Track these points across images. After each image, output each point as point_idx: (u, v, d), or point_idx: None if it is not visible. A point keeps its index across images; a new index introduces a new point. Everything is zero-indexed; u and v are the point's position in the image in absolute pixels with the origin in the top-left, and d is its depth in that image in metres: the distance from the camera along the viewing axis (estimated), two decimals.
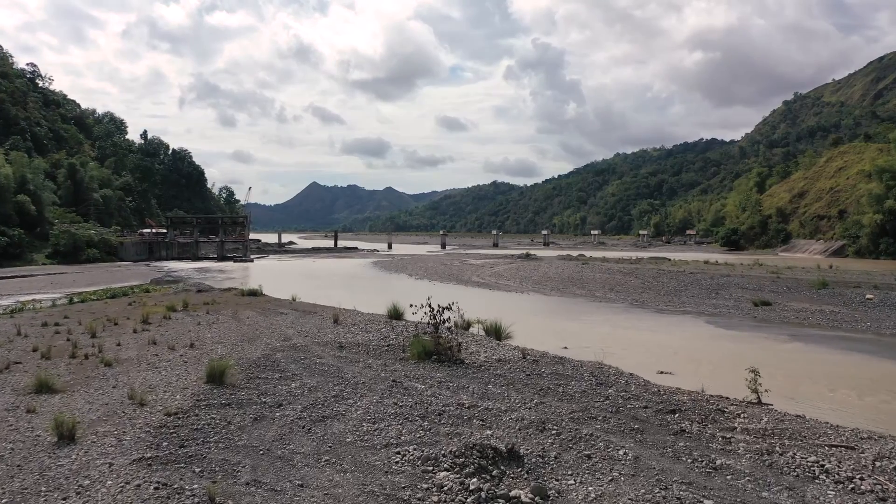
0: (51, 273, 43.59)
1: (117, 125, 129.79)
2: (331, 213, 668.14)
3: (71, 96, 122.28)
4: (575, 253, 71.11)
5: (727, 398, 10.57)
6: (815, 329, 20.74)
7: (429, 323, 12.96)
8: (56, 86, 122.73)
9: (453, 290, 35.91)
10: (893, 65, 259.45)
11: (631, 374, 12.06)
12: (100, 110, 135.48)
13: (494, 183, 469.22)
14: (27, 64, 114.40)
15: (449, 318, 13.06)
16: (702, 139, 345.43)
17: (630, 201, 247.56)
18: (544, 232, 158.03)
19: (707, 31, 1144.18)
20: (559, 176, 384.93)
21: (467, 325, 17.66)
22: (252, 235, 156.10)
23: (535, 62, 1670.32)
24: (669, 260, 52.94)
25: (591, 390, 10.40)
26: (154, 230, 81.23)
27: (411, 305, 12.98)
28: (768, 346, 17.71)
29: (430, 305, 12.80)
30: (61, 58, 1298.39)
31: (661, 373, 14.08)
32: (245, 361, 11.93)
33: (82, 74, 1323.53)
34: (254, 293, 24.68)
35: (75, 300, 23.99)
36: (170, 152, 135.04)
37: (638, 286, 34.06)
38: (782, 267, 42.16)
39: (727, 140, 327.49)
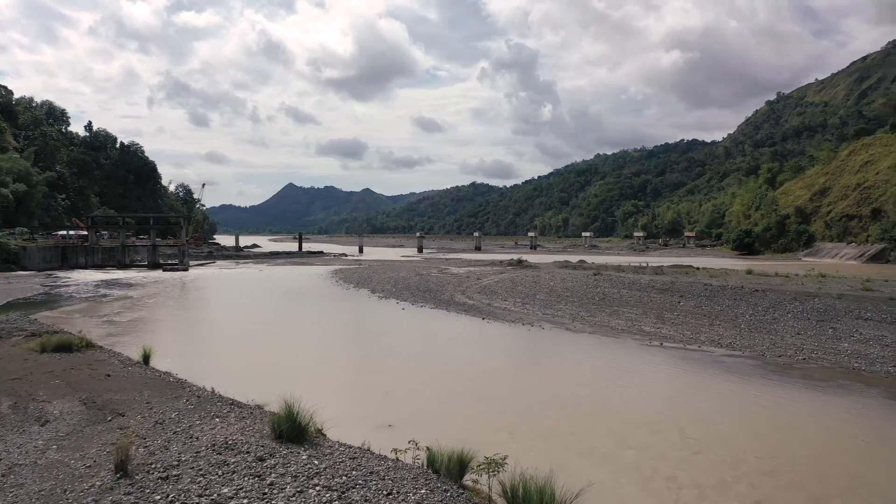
0: None
1: (56, 115, 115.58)
2: (307, 215, 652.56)
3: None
4: (574, 258, 60.74)
5: None
6: None
7: None
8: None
9: (429, 318, 25.31)
10: (877, 65, 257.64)
11: None
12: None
13: (473, 184, 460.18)
14: None
15: None
16: (683, 140, 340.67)
17: (613, 202, 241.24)
18: (531, 234, 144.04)
19: (683, 33, 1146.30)
20: (539, 177, 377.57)
21: (460, 471, 7.19)
22: (220, 238, 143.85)
23: (509, 63, 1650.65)
24: (697, 269, 43.09)
25: None
26: (79, 232, 68.88)
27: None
28: None
29: None
30: (33, 57, 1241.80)
31: None
32: None
33: (55, 74, 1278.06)
34: (66, 347, 13.58)
35: None
36: (117, 146, 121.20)
37: (694, 312, 23.86)
38: (861, 279, 32.39)
39: (707, 141, 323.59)
